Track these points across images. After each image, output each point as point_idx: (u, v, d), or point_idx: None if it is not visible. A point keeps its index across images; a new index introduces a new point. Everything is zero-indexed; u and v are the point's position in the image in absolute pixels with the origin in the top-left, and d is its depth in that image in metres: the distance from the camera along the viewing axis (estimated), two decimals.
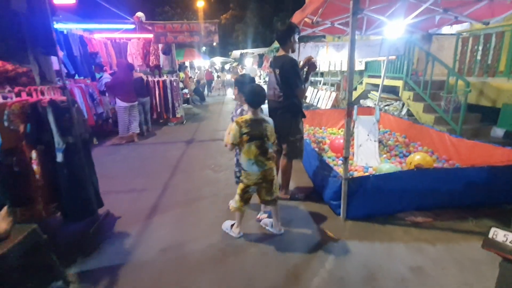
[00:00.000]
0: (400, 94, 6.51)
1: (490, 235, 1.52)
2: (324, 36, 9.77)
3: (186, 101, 11.30)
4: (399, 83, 6.49)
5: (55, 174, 2.44)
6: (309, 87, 9.91)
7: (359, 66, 8.05)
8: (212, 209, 3.10)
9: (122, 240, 2.56)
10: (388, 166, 3.62)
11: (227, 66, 23.75)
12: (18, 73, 2.77)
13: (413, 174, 2.81)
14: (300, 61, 3.72)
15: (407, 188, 2.75)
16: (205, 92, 14.38)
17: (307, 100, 9.49)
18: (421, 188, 2.77)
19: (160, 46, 6.65)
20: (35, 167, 2.40)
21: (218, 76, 19.24)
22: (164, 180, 3.92)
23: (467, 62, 5.58)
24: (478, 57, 5.36)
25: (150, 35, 6.11)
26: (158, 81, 6.96)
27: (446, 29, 6.83)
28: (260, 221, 2.77)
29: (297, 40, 2.88)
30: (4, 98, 2.42)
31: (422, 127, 4.87)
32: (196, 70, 18.18)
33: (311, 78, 11.43)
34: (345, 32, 4.75)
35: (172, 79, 7.22)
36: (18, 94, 2.41)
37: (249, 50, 16.17)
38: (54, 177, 2.44)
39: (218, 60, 25.51)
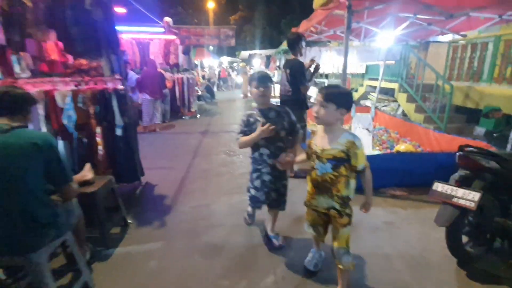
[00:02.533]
0: (395, 96, 7.16)
1: (433, 188, 2.19)
2: (329, 41, 10.46)
3: (198, 98, 12.03)
4: (395, 86, 7.13)
5: (113, 146, 3.14)
6: (315, 88, 10.57)
7: (360, 69, 8.69)
8: (229, 182, 3.79)
9: (162, 200, 3.27)
10: (376, 154, 4.30)
11: (235, 66, 24.53)
12: (90, 68, 3.51)
13: (393, 156, 3.48)
14: (305, 63, 4.41)
15: (388, 168, 3.42)
16: (214, 88, 15.18)
17: (312, 100, 10.15)
18: (399, 169, 3.44)
19: (180, 47, 7.38)
20: (98, 139, 3.11)
21: (229, 74, 20.26)
22: (187, 162, 4.62)
23: (457, 68, 6.22)
24: (466, 64, 5.99)
25: (172, 37, 6.84)
26: (177, 78, 7.68)
27: (445, 37, 7.44)
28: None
29: (304, 46, 3.57)
30: (76, 86, 3.15)
31: (412, 124, 5.51)
32: (205, 69, 18.92)
33: (316, 80, 12.08)
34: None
35: (189, 76, 7.95)
36: (87, 83, 3.13)
37: (257, 51, 16.86)
38: (112, 148, 3.15)
39: (225, 60, 26.28)
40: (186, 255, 2.32)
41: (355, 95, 9.39)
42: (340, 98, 1.64)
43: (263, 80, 2.14)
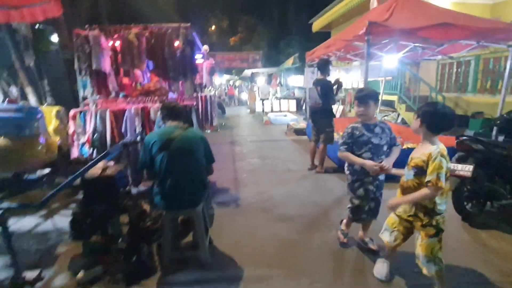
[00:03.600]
0: (395, 106, 8.25)
1: None
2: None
3: None
4: (394, 98, 8.23)
5: None
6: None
7: (362, 85, 9.83)
8: (276, 176, 4.69)
9: (227, 191, 4.13)
10: None
11: (237, 83, 25.86)
12: (156, 89, 4.45)
13: (407, 151, 4.44)
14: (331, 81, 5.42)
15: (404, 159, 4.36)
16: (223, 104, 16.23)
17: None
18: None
19: (205, 68, 8.38)
20: None
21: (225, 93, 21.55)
22: (230, 165, 5.50)
23: (446, 82, 7.36)
24: (453, 78, 7.14)
25: (200, 61, 7.83)
26: (201, 96, 8.65)
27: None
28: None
29: (330, 69, 4.58)
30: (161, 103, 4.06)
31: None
32: (212, 87, 20.04)
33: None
34: (352, 60, 6.56)
35: (211, 94, 8.92)
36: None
37: (260, 70, 18.08)
38: None
39: (224, 78, 27.67)
40: (267, 222, 3.18)
41: None
42: (425, 114, 1.78)
43: (363, 99, 2.21)
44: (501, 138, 4.58)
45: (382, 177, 2.32)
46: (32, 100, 4.75)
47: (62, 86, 4.59)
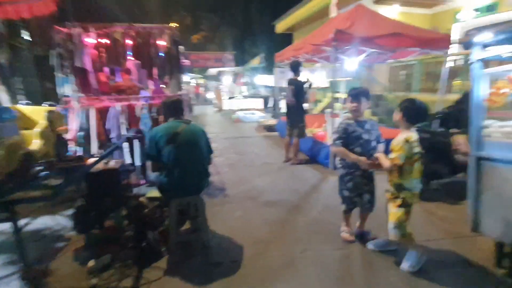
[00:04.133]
0: None
1: None
2: None
3: None
4: None
5: None
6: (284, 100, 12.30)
7: (325, 84, 10.62)
8: (255, 170, 5.05)
9: (211, 183, 4.38)
10: None
11: (201, 81, 25.69)
12: (127, 88, 4.53)
13: None
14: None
15: None
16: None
17: (281, 111, 11.80)
18: None
19: None
20: None
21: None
22: None
23: (396, 82, 8.40)
24: (401, 79, 8.19)
25: None
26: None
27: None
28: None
29: (301, 70, 5.07)
30: (145, 101, 4.19)
31: None
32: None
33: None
34: (317, 61, 7.20)
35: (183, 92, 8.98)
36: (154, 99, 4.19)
37: (226, 69, 18.28)
38: None
39: (187, 77, 27.28)
40: (256, 207, 3.54)
41: (321, 105, 11.31)
42: (405, 109, 2.18)
43: (357, 96, 2.41)
44: (441, 129, 5.51)
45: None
46: (4, 98, 4.46)
47: (33, 83, 4.35)
